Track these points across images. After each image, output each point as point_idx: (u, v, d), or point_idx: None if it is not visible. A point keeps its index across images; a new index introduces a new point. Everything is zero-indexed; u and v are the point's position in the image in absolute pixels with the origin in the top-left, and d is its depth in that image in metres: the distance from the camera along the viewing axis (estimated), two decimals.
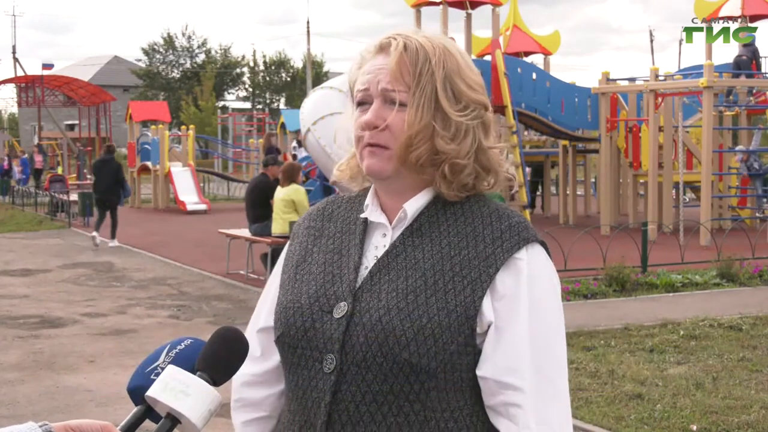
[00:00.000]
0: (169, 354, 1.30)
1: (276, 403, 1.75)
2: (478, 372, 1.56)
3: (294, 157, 21.22)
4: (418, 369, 1.51)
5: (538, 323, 1.55)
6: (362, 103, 1.63)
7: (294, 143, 23.79)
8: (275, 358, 1.72)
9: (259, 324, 1.77)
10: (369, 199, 1.69)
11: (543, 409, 1.53)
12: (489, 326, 1.55)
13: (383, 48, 1.63)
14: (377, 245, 1.66)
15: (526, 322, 1.54)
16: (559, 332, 1.59)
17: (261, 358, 1.75)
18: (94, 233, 16.35)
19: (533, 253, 1.59)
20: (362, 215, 1.69)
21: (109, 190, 16.23)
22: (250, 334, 1.77)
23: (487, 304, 1.55)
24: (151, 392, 1.24)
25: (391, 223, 1.66)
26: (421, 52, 1.60)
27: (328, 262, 1.67)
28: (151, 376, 1.27)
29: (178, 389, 1.22)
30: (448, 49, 1.63)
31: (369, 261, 1.64)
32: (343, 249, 1.68)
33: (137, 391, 1.27)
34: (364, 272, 1.62)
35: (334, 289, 1.61)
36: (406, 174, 1.62)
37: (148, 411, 1.25)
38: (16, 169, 33.83)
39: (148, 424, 1.27)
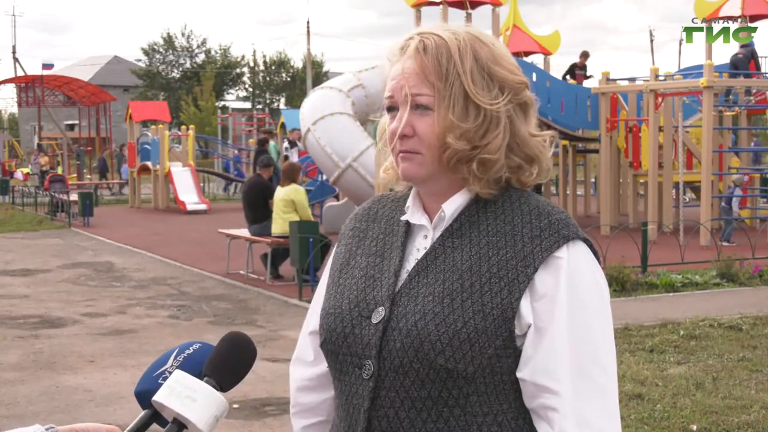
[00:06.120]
0: (177, 358, 1.30)
1: (333, 407, 1.72)
2: (518, 374, 1.52)
3: (285, 158, 21.15)
4: (455, 374, 1.48)
5: (579, 324, 1.49)
6: (391, 109, 1.60)
7: (285, 144, 23.62)
8: None
9: (309, 327, 1.75)
10: (410, 201, 1.66)
11: (583, 411, 1.48)
12: (529, 327, 1.50)
13: (404, 50, 1.60)
14: (419, 248, 1.62)
15: (565, 323, 1.49)
16: (604, 333, 1.52)
17: (314, 362, 1.73)
18: None
19: (575, 251, 1.53)
20: (403, 217, 1.66)
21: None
22: (303, 336, 1.77)
23: (525, 304, 1.50)
24: (158, 397, 1.24)
25: (431, 224, 1.63)
26: (442, 49, 1.55)
27: (370, 266, 1.64)
28: (159, 380, 1.27)
29: (185, 395, 1.22)
30: (477, 38, 1.58)
31: (410, 264, 1.61)
32: (385, 252, 1.65)
33: (145, 395, 1.27)
34: (404, 275, 1.60)
35: (374, 294, 1.59)
36: (442, 175, 1.59)
37: (155, 415, 1.25)
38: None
39: (154, 427, 1.27)
